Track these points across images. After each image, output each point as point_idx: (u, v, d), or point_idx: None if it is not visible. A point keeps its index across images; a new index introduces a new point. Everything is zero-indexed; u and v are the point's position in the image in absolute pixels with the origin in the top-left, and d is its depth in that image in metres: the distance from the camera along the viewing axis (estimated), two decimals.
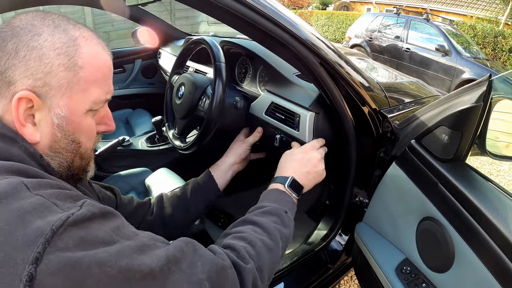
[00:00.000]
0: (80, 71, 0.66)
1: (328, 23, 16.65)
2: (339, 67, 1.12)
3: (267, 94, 1.49)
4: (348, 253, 1.55)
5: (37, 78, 0.63)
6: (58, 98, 0.65)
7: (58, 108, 0.66)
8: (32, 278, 0.47)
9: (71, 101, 0.67)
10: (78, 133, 0.70)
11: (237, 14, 0.92)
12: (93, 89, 0.69)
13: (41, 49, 0.63)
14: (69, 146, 0.70)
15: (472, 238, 0.88)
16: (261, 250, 0.80)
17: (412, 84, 1.97)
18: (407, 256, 1.16)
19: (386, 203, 1.24)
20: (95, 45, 0.70)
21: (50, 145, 0.68)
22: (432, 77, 7.41)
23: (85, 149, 0.74)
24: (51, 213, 0.53)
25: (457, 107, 0.96)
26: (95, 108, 0.71)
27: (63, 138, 0.69)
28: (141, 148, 2.24)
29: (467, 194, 0.89)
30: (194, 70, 2.02)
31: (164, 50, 2.89)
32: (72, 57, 0.65)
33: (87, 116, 0.71)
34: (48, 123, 0.66)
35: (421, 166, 1.06)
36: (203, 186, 1.26)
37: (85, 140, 0.73)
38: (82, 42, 0.67)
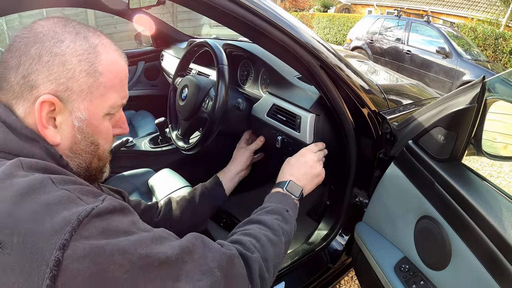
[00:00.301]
0: (100, 77, 0.70)
1: (330, 26, 16.65)
2: (339, 70, 1.14)
3: (269, 96, 1.52)
4: (348, 253, 1.56)
5: (60, 83, 0.66)
6: (79, 102, 0.68)
7: (79, 112, 0.69)
8: (59, 263, 0.50)
9: (91, 105, 0.70)
10: (97, 135, 0.74)
11: (238, 18, 0.95)
12: (111, 94, 0.72)
13: (64, 55, 0.66)
14: (88, 148, 0.73)
15: (467, 235, 0.90)
16: (265, 243, 0.85)
17: (412, 86, 1.98)
18: (405, 255, 1.17)
19: (385, 203, 1.26)
20: (113, 52, 0.73)
21: (70, 147, 0.71)
22: (433, 79, 7.40)
23: (102, 150, 0.77)
24: (76, 206, 0.56)
25: (453, 108, 0.99)
26: (112, 112, 0.75)
27: (83, 140, 0.72)
28: (144, 149, 2.25)
29: (463, 193, 0.92)
30: (197, 72, 2.05)
31: (167, 52, 2.91)
32: (93, 64, 0.69)
33: (105, 120, 0.74)
34: (69, 125, 0.69)
35: (418, 165, 1.08)
36: (211, 191, 1.31)
37: (103, 142, 0.76)
38: (101, 49, 0.71)
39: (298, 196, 1.09)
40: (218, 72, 1.44)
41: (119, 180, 1.82)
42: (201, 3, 0.91)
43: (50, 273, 0.49)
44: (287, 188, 1.09)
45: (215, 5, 0.91)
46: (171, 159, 2.24)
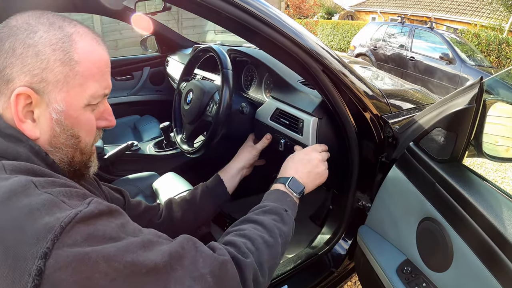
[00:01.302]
0: (76, 65, 0.67)
1: (334, 33, 16.68)
2: (343, 76, 1.15)
3: (272, 100, 1.53)
4: (351, 258, 1.56)
5: (34, 74, 0.64)
6: (55, 93, 0.66)
7: (56, 103, 0.67)
8: (41, 272, 0.49)
9: (69, 96, 0.67)
10: (77, 127, 0.71)
11: (244, 24, 0.97)
12: (90, 84, 0.70)
13: (37, 46, 0.64)
14: (69, 141, 0.71)
15: (469, 236, 0.91)
16: (260, 246, 0.81)
17: (415, 91, 1.99)
18: (408, 257, 1.18)
19: (387, 206, 1.26)
20: (91, 40, 0.71)
21: (50, 141, 0.69)
22: (436, 86, 7.39)
23: (85, 143, 0.74)
24: (60, 210, 0.54)
25: (452, 109, 1.00)
26: (94, 103, 0.72)
27: (62, 133, 0.69)
28: (149, 153, 2.27)
29: (463, 193, 0.92)
30: (202, 77, 2.07)
31: (172, 58, 2.94)
32: (68, 52, 0.66)
33: (86, 111, 0.72)
34: (47, 118, 0.67)
35: (419, 167, 1.09)
36: (212, 190, 1.28)
37: (84, 135, 0.73)
38: (77, 37, 0.68)
39: (299, 194, 1.07)
40: (223, 77, 1.46)
41: (123, 183, 1.83)
42: (206, 8, 0.93)
43: (32, 283, 0.48)
44: (289, 185, 1.06)
45: (220, 11, 0.93)
46: (175, 163, 2.26)
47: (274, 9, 1.04)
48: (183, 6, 1.05)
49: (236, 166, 1.37)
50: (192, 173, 1.95)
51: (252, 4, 0.96)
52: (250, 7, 0.95)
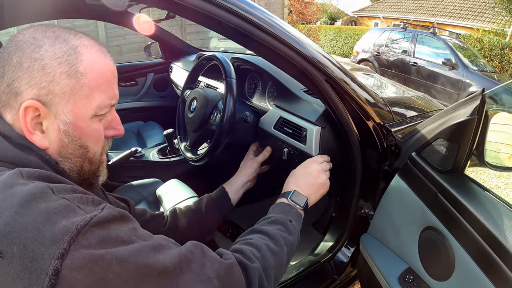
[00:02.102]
0: (82, 77, 0.68)
1: (336, 38, 16.69)
2: (345, 84, 1.16)
3: (276, 109, 1.54)
4: (353, 265, 1.57)
5: (41, 87, 0.65)
6: (62, 105, 0.67)
7: (64, 115, 0.68)
8: (58, 272, 0.51)
9: (76, 107, 0.69)
10: (85, 138, 0.72)
11: (246, 33, 0.98)
12: (96, 94, 0.71)
13: (43, 59, 0.65)
14: (77, 151, 0.72)
15: (470, 245, 0.92)
16: (266, 253, 0.84)
17: (418, 98, 1.99)
18: (410, 266, 1.18)
19: (390, 214, 1.27)
20: (96, 52, 0.72)
21: (59, 151, 0.71)
22: (439, 91, 7.38)
23: (93, 153, 0.75)
24: (75, 215, 0.56)
25: (454, 121, 1.01)
26: (101, 113, 0.73)
27: (70, 143, 0.71)
28: (153, 159, 2.28)
29: (465, 203, 0.93)
30: (206, 85, 2.08)
31: (176, 64, 2.96)
32: (74, 65, 0.68)
33: (94, 121, 0.73)
34: (55, 129, 0.69)
35: (422, 177, 1.10)
36: (217, 201, 1.29)
37: (92, 145, 0.74)
38: (82, 49, 0.69)
39: (302, 205, 1.09)
40: (227, 85, 1.47)
41: (127, 189, 1.84)
42: (209, 18, 0.94)
43: (49, 282, 0.50)
44: (291, 198, 1.09)
45: (223, 21, 0.94)
46: (178, 169, 2.27)
47: (276, 18, 1.05)
48: (186, 16, 1.06)
49: (240, 180, 1.38)
50: (195, 180, 1.96)
51: (254, 14, 0.97)
52: (253, 17, 0.97)
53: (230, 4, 0.93)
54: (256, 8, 1.00)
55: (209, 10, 0.91)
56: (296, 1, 13.92)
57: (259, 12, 0.99)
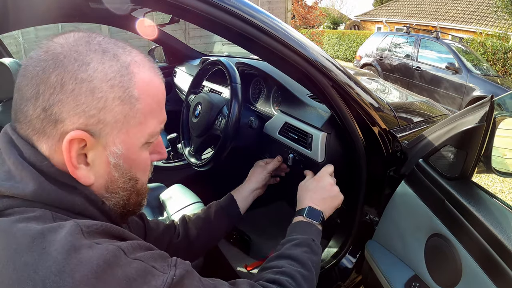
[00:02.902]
0: (136, 103, 0.60)
1: (339, 42, 16.75)
2: (349, 88, 1.16)
3: (281, 114, 1.54)
4: (358, 271, 1.56)
5: (90, 115, 0.56)
6: (114, 135, 0.59)
7: (114, 146, 0.60)
8: None
9: (128, 137, 0.61)
10: (135, 169, 0.65)
11: (252, 39, 0.98)
12: (149, 121, 0.63)
13: (92, 81, 0.55)
14: (127, 184, 0.65)
15: (478, 253, 0.91)
16: (300, 281, 0.85)
17: (422, 103, 1.99)
18: (416, 273, 1.18)
19: (395, 221, 1.26)
20: (149, 70, 0.63)
21: (107, 186, 0.63)
22: (442, 96, 7.39)
23: (141, 184, 0.69)
24: (154, 278, 0.54)
25: (462, 127, 1.00)
26: (151, 140, 0.66)
27: (120, 177, 0.63)
28: (156, 164, 2.25)
29: (473, 210, 0.93)
30: (210, 90, 2.08)
31: (179, 69, 2.96)
32: (128, 88, 0.59)
33: (143, 150, 0.66)
34: (103, 162, 0.60)
35: (429, 184, 1.10)
36: (226, 210, 1.26)
37: (141, 175, 0.68)
38: (135, 68, 0.60)
39: (319, 220, 1.08)
40: (232, 91, 1.47)
41: None
42: (214, 22, 0.94)
43: None
44: (307, 215, 1.08)
45: (228, 25, 0.94)
46: (182, 174, 2.27)
47: (281, 23, 1.05)
48: (190, 20, 1.07)
49: (249, 187, 1.34)
50: (199, 185, 1.96)
51: (258, 17, 0.97)
52: (260, 22, 0.97)
53: (234, 8, 0.93)
54: (260, 11, 1.00)
55: (214, 14, 0.91)
56: (299, 5, 13.98)
57: (263, 16, 0.99)
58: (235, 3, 0.93)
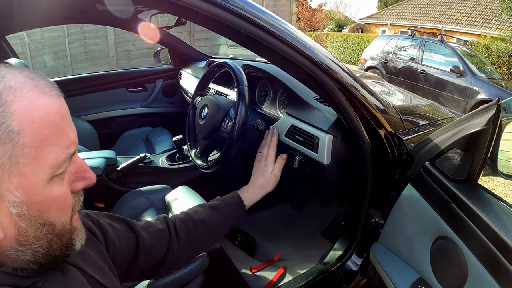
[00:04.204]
0: (19, 137, 0.49)
1: (344, 45, 16.75)
2: (355, 91, 1.17)
3: (287, 117, 1.55)
4: (363, 274, 1.57)
5: None
6: (5, 182, 0.50)
7: (10, 194, 0.50)
8: None
9: (24, 179, 0.51)
10: (46, 212, 0.54)
11: (262, 42, 0.99)
12: (46, 151, 0.52)
13: None
14: (40, 232, 0.54)
15: (484, 256, 0.91)
16: None
17: (427, 106, 2.00)
18: (421, 275, 1.18)
19: (401, 224, 1.27)
20: (29, 92, 0.52)
21: (17, 239, 0.53)
22: (447, 99, 7.39)
23: (61, 225, 0.58)
24: None
25: (468, 130, 1.01)
26: (60, 172, 0.55)
27: (29, 227, 0.53)
28: (162, 165, 2.29)
29: (479, 213, 0.93)
30: (215, 92, 2.10)
31: (185, 71, 2.99)
32: (2, 124, 0.48)
33: (53, 186, 0.54)
34: (5, 214, 0.51)
35: (435, 186, 1.10)
36: (233, 212, 1.23)
37: (58, 216, 0.57)
38: (9, 96, 0.49)
39: None
40: (239, 93, 1.48)
41: (135, 195, 1.86)
42: (220, 23, 0.95)
43: None
44: None
45: (236, 27, 0.96)
46: (187, 176, 2.28)
47: (290, 27, 1.06)
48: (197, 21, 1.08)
49: (256, 189, 1.31)
50: (204, 186, 1.97)
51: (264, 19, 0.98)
52: (270, 27, 0.98)
53: (240, 9, 0.94)
54: (266, 13, 1.01)
55: (220, 15, 0.92)
56: (304, 8, 13.99)
57: (268, 17, 1.01)
58: (240, 4, 0.94)
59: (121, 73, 3.26)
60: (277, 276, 1.69)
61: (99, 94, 2.96)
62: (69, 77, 3.11)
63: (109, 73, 3.40)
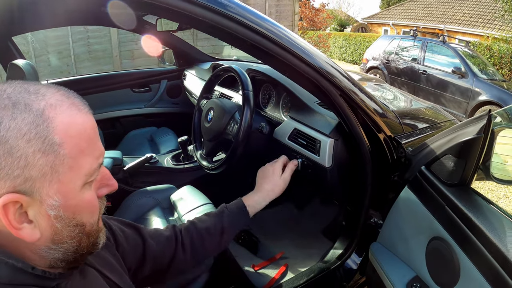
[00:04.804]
0: (60, 149, 0.56)
1: (346, 45, 16.72)
2: (355, 95, 1.20)
3: (290, 121, 1.60)
4: (362, 273, 1.60)
5: (15, 176, 0.53)
6: (46, 188, 0.56)
7: (50, 198, 0.56)
8: None
9: (62, 185, 0.57)
10: (79, 214, 0.61)
11: (268, 51, 1.04)
12: (82, 161, 0.59)
13: (7, 141, 0.52)
14: (73, 232, 0.61)
15: (475, 255, 0.96)
16: None
17: (428, 109, 2.04)
18: (417, 274, 1.22)
19: (398, 224, 1.31)
20: (68, 110, 0.58)
21: (52, 239, 0.59)
22: (448, 100, 7.38)
23: (91, 226, 0.65)
24: None
25: (462, 138, 1.06)
26: (91, 180, 0.62)
27: (64, 227, 0.60)
28: (167, 165, 2.32)
29: (470, 216, 0.98)
30: (220, 94, 2.14)
31: (189, 72, 3.02)
32: (46, 137, 0.54)
33: (85, 192, 0.61)
34: (44, 216, 0.57)
35: (430, 190, 1.15)
36: (236, 221, 1.22)
37: (88, 218, 0.64)
38: (51, 113, 0.56)
39: None
40: (244, 98, 1.53)
41: (141, 194, 1.89)
42: (221, 30, 0.99)
43: None
44: None
45: (246, 39, 1.00)
46: (192, 176, 2.30)
47: (297, 37, 1.10)
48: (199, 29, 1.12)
49: (262, 197, 1.29)
50: (208, 186, 2.01)
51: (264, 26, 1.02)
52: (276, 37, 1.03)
53: (240, 16, 0.97)
54: (266, 20, 1.05)
55: (220, 22, 0.95)
56: (306, 8, 13.97)
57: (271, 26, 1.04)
58: (240, 11, 0.97)
59: (126, 73, 3.28)
60: (279, 273, 1.72)
61: (104, 94, 2.99)
62: (75, 77, 3.16)
63: (114, 73, 3.44)
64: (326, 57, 1.19)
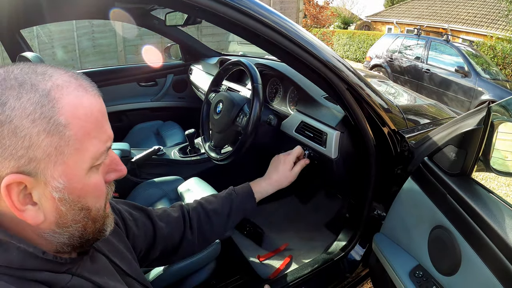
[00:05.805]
0: (65, 130, 0.55)
1: (350, 43, 16.69)
2: (361, 90, 1.24)
3: (297, 114, 1.63)
4: (365, 264, 1.64)
5: (19, 156, 0.52)
6: (51, 169, 0.55)
7: (55, 180, 0.55)
8: None
9: (67, 167, 0.56)
10: (84, 198, 0.60)
11: (281, 46, 1.07)
12: (88, 144, 0.58)
13: (12, 121, 0.51)
14: (78, 216, 0.60)
15: (476, 242, 1.00)
16: None
17: (430, 106, 2.07)
18: (419, 262, 1.26)
19: (401, 215, 1.35)
20: (75, 91, 0.57)
21: (56, 222, 0.59)
22: (451, 98, 7.38)
23: (96, 210, 0.63)
24: None
25: (462, 129, 1.10)
26: (97, 163, 0.61)
27: (69, 210, 0.59)
28: (174, 157, 2.35)
29: (472, 204, 1.02)
30: (227, 88, 2.18)
31: (196, 66, 3.05)
32: (51, 118, 0.53)
33: (91, 175, 0.60)
34: (48, 199, 0.56)
35: (433, 180, 1.18)
36: (244, 205, 1.23)
37: (94, 202, 0.62)
38: (57, 93, 0.55)
39: None
40: (253, 90, 1.56)
41: (149, 185, 1.93)
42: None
43: None
44: None
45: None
46: (199, 168, 2.34)
47: (308, 34, 1.14)
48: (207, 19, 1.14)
49: (271, 186, 1.30)
50: (215, 178, 2.04)
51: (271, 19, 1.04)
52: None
53: (248, 8, 0.99)
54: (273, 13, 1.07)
55: (232, 15, 0.98)
56: (310, 5, 13.95)
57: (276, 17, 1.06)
58: (248, 4, 0.99)
59: (132, 67, 3.30)
60: (283, 264, 1.76)
61: (111, 88, 3.02)
62: (82, 71, 3.18)
63: (121, 67, 3.45)
64: (332, 50, 1.22)
